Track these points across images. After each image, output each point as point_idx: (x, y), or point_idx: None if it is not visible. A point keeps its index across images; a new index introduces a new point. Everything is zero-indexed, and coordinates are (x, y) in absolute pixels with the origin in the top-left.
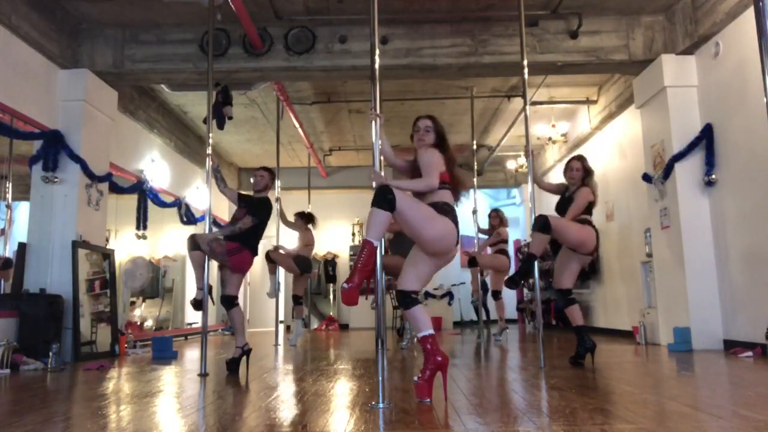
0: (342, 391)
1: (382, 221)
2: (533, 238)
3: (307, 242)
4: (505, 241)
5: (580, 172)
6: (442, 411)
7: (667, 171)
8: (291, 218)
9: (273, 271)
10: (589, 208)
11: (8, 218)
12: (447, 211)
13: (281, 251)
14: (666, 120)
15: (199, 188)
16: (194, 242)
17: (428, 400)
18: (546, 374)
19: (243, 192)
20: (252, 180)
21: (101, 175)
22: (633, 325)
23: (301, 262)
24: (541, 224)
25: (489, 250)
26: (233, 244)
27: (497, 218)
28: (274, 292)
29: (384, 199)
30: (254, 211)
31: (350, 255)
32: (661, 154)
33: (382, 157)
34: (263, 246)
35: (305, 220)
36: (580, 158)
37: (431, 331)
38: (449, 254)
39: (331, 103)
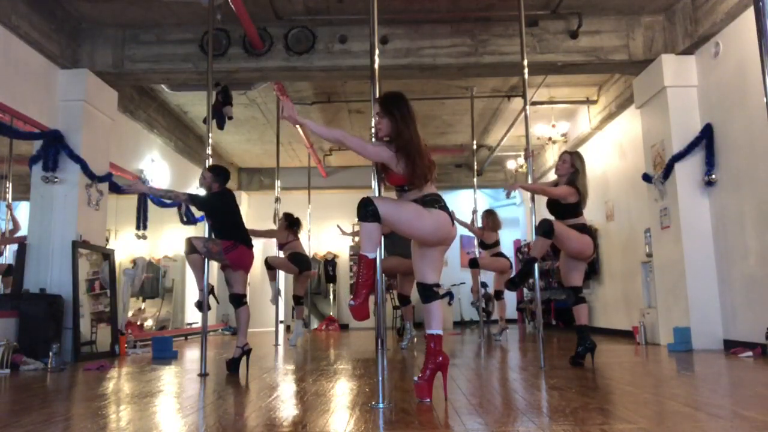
0: (342, 391)
1: (372, 232)
2: (535, 242)
3: (283, 241)
4: (496, 244)
5: (567, 165)
6: (442, 411)
7: (667, 171)
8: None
9: (273, 278)
10: (576, 206)
11: (8, 218)
12: (435, 201)
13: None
14: (666, 120)
15: (198, 188)
16: (191, 245)
17: (428, 400)
18: (546, 374)
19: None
20: None
21: (101, 175)
22: (633, 325)
23: (298, 260)
24: (545, 229)
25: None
26: (228, 242)
27: (487, 219)
28: (275, 299)
29: (366, 212)
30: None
31: (350, 255)
32: (661, 154)
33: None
34: (264, 248)
35: (289, 222)
36: (573, 153)
37: (440, 332)
38: (450, 238)
39: (331, 103)
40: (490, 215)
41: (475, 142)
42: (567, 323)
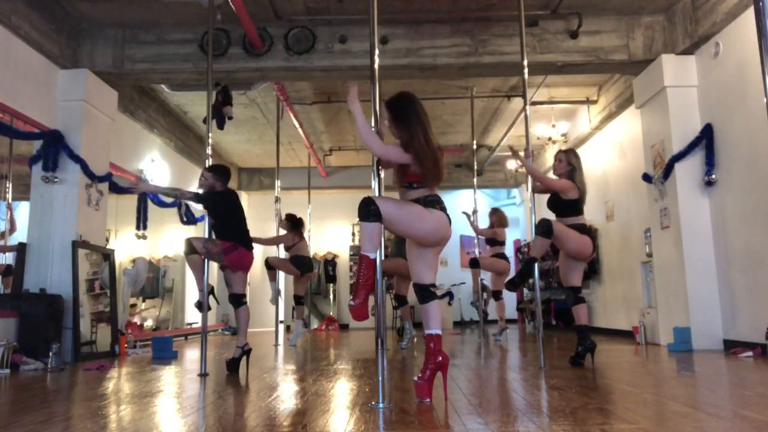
0: (342, 391)
1: (373, 233)
2: (534, 242)
3: (290, 243)
4: (502, 243)
5: (563, 163)
6: (442, 411)
7: (667, 171)
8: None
9: (273, 278)
10: (577, 203)
11: (8, 218)
12: (436, 202)
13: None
14: (666, 120)
15: (199, 188)
16: (191, 246)
17: (428, 400)
18: (546, 374)
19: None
20: None
21: (101, 175)
22: (633, 325)
23: (300, 263)
24: (544, 229)
25: (486, 251)
26: (227, 243)
27: (494, 216)
28: (275, 299)
29: (368, 211)
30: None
31: (350, 255)
32: (661, 154)
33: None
34: (264, 248)
35: (292, 224)
36: (567, 151)
37: (439, 331)
38: (446, 238)
39: (331, 103)
40: (496, 212)
41: (475, 142)
42: (567, 323)
